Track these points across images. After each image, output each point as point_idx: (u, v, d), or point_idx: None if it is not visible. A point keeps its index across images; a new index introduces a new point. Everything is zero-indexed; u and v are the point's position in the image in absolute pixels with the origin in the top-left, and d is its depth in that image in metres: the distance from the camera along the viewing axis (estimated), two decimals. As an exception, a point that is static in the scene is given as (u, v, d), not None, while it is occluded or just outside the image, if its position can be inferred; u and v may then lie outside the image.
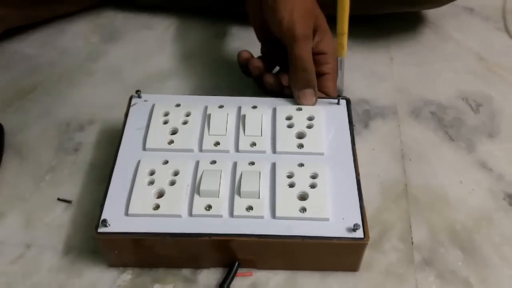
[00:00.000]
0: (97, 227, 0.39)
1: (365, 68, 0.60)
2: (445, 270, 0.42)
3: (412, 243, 0.44)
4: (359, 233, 0.39)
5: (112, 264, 0.42)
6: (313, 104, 0.47)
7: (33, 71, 0.61)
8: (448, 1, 0.59)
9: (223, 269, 0.42)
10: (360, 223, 0.39)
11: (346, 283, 0.41)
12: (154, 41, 0.65)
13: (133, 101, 0.48)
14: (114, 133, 0.51)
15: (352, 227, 0.39)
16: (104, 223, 0.39)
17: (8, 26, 0.63)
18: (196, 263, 0.42)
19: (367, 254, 0.41)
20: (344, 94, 0.49)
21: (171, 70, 0.61)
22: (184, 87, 0.58)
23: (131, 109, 0.47)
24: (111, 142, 0.51)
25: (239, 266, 0.42)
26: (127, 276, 0.42)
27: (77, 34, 0.66)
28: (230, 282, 0.41)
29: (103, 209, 0.40)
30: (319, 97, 0.48)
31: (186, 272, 0.42)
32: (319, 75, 0.49)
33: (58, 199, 0.48)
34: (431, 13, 0.67)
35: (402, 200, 0.47)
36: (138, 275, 0.42)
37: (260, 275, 0.42)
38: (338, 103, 0.48)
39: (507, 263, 0.43)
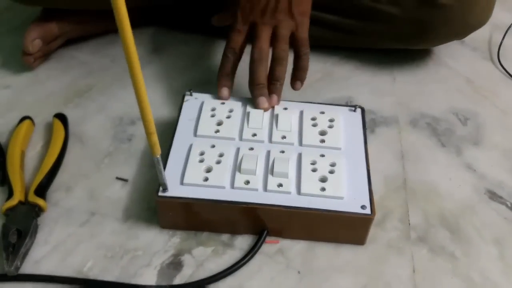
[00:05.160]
0: (157, 191, 0.48)
1: (372, 85, 0.71)
2: (435, 246, 0.52)
3: (409, 224, 0.54)
4: (367, 210, 0.48)
5: (164, 225, 0.51)
6: None
7: (89, 74, 0.71)
8: (442, 43, 0.70)
9: (254, 236, 0.51)
10: (368, 202, 0.49)
11: (355, 252, 0.51)
12: (190, 56, 0.75)
13: (186, 98, 0.58)
14: (162, 127, 0.61)
15: (362, 205, 0.49)
16: (164, 187, 0.48)
17: (68, 38, 0.73)
18: (233, 229, 0.51)
19: (372, 231, 0.51)
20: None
21: (206, 80, 0.71)
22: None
23: (184, 104, 0.57)
24: (160, 134, 0.60)
25: (267, 234, 0.51)
26: (176, 239, 0.51)
27: (125, 46, 0.76)
28: (259, 247, 0.50)
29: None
30: (340, 105, 0.58)
31: (224, 237, 0.52)
32: None
33: (116, 177, 0.57)
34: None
35: (401, 191, 0.57)
36: (185, 239, 0.51)
37: (285, 243, 0.51)
38: (354, 111, 0.58)
39: (484, 241, 0.52)
